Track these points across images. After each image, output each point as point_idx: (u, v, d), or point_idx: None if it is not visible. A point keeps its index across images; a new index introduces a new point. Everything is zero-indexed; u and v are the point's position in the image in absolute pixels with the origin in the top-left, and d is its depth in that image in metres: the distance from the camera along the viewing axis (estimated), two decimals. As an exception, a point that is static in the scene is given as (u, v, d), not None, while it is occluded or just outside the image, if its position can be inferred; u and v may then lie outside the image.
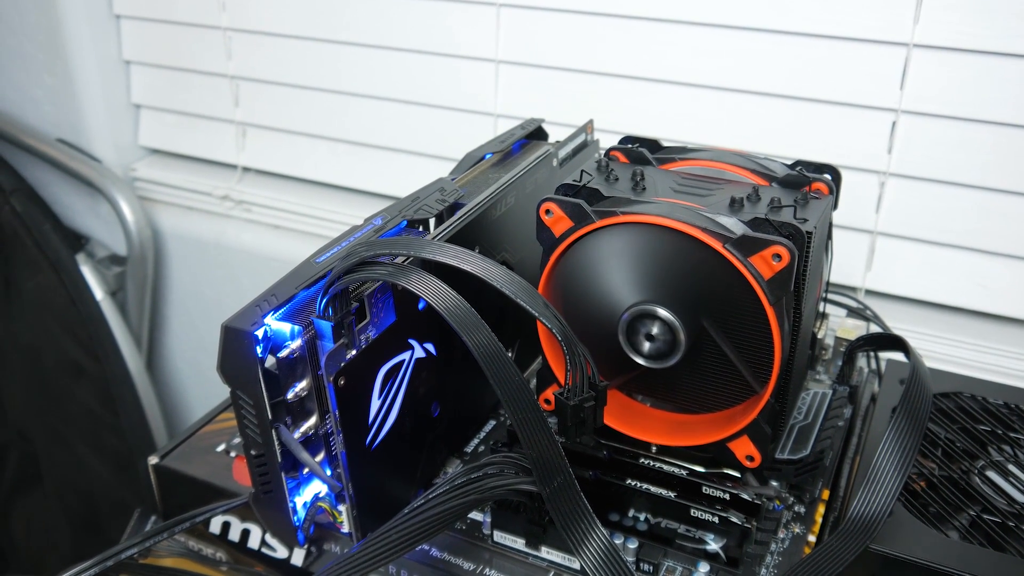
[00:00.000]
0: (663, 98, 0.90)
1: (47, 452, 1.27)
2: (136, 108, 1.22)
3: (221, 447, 0.65)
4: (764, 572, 0.53)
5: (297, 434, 0.49)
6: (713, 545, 0.54)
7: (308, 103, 1.09)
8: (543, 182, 0.68)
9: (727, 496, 0.54)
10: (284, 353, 0.47)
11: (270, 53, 1.09)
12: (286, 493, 0.50)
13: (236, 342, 0.46)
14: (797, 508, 0.58)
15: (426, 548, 0.56)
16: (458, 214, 0.58)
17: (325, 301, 0.47)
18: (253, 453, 0.49)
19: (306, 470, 0.51)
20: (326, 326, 0.47)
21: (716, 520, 0.53)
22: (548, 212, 0.54)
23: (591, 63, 0.91)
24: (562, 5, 0.90)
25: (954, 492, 0.54)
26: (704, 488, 0.54)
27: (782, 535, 0.56)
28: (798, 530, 0.56)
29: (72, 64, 1.14)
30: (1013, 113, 0.76)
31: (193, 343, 1.30)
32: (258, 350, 0.46)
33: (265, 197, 1.15)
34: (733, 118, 0.87)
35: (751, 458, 0.54)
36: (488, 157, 0.68)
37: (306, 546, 0.60)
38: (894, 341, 0.66)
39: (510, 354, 0.46)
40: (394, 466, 0.55)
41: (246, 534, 0.62)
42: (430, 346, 0.56)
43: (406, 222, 0.56)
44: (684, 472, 0.56)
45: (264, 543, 0.62)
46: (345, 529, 0.53)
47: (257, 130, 1.15)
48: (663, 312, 0.52)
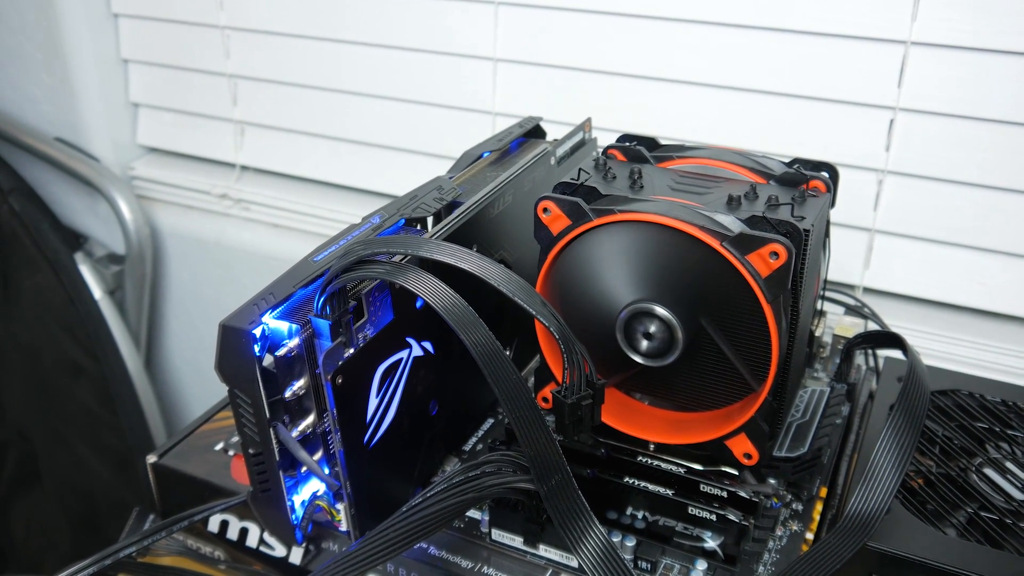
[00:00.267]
0: (661, 96, 0.90)
1: (46, 451, 1.27)
2: (134, 107, 1.22)
3: (219, 446, 0.65)
4: (762, 570, 0.53)
5: (295, 433, 0.49)
6: (711, 543, 0.54)
7: (306, 102, 1.09)
8: (541, 180, 0.68)
9: (725, 494, 0.54)
10: (282, 352, 0.47)
11: (268, 52, 1.09)
12: (284, 491, 0.50)
13: (234, 341, 0.46)
14: (795, 506, 0.58)
15: (424, 546, 0.57)
16: (456, 212, 0.58)
17: (323, 299, 0.47)
18: (251, 452, 0.49)
19: (304, 468, 0.51)
20: (324, 324, 0.47)
21: (714, 518, 0.53)
22: (546, 210, 0.54)
23: (589, 61, 0.91)
24: (560, 3, 0.90)
25: (952, 489, 0.54)
26: (702, 486, 0.55)
27: (780, 533, 0.56)
28: (796, 528, 0.56)
29: (70, 63, 1.14)
30: (1011, 111, 0.76)
31: (192, 342, 1.30)
32: (256, 349, 0.46)
33: (263, 196, 1.15)
34: (731, 116, 0.87)
35: (749, 456, 0.54)
36: (486, 155, 0.68)
37: (304, 544, 0.60)
38: (892, 339, 0.66)
39: (508, 353, 0.46)
40: (392, 464, 0.55)
41: (244, 533, 0.62)
42: (428, 344, 0.56)
43: (404, 220, 0.56)
44: (682, 470, 0.56)
45: (262, 542, 0.62)
46: (343, 527, 0.53)
47: (255, 129, 1.15)
48: (661, 310, 0.52)
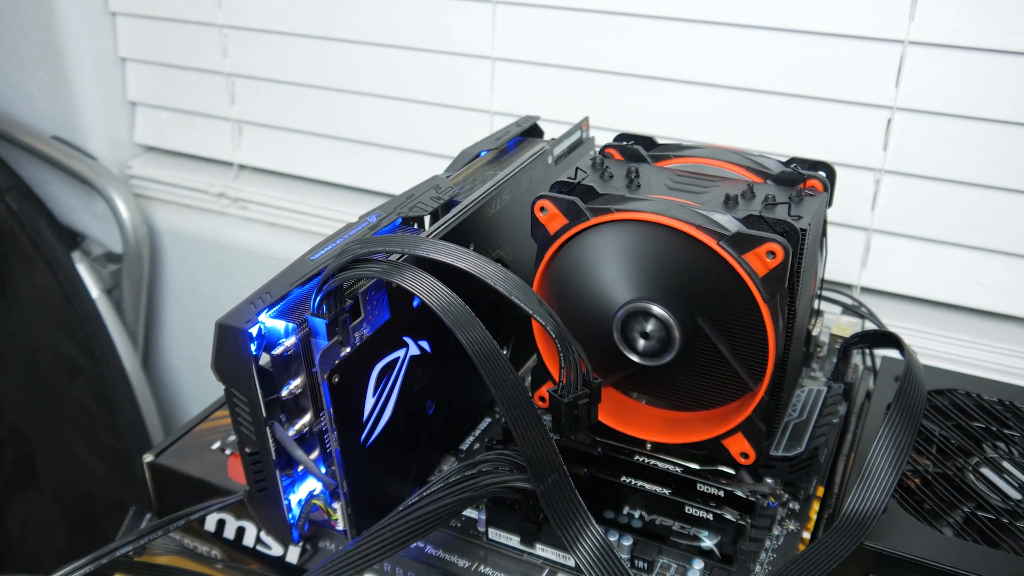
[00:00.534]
0: (658, 95, 0.90)
1: (43, 450, 1.26)
2: (132, 105, 1.22)
3: (216, 445, 0.65)
4: (759, 569, 0.53)
5: (292, 431, 0.49)
6: (708, 542, 0.54)
7: (303, 100, 1.09)
8: (538, 179, 0.68)
9: (722, 493, 0.54)
10: (278, 350, 0.47)
11: (265, 50, 1.08)
12: (281, 491, 0.50)
13: (230, 340, 0.46)
14: (792, 505, 0.58)
15: (421, 545, 0.56)
16: (453, 211, 0.58)
17: (319, 298, 0.47)
18: (248, 451, 0.49)
19: (301, 467, 0.51)
20: (320, 323, 0.47)
21: (711, 517, 0.53)
22: (543, 209, 0.54)
23: (587, 60, 0.91)
24: (558, 3, 0.90)
25: (948, 489, 0.54)
26: (699, 485, 0.54)
27: (777, 532, 0.56)
28: (793, 527, 0.56)
29: (68, 61, 1.13)
30: (1009, 110, 0.76)
31: (189, 341, 1.30)
32: (252, 347, 0.46)
33: (261, 195, 1.15)
34: (728, 115, 0.87)
35: (746, 455, 0.54)
36: (483, 154, 0.68)
37: (301, 544, 0.60)
38: (889, 338, 0.66)
39: (505, 352, 0.46)
40: (389, 463, 0.55)
41: (241, 532, 0.62)
42: (425, 344, 0.56)
43: (401, 219, 0.56)
44: (679, 469, 0.56)
45: (259, 541, 0.62)
46: (340, 526, 0.53)
47: (253, 127, 1.15)
48: (658, 309, 0.52)
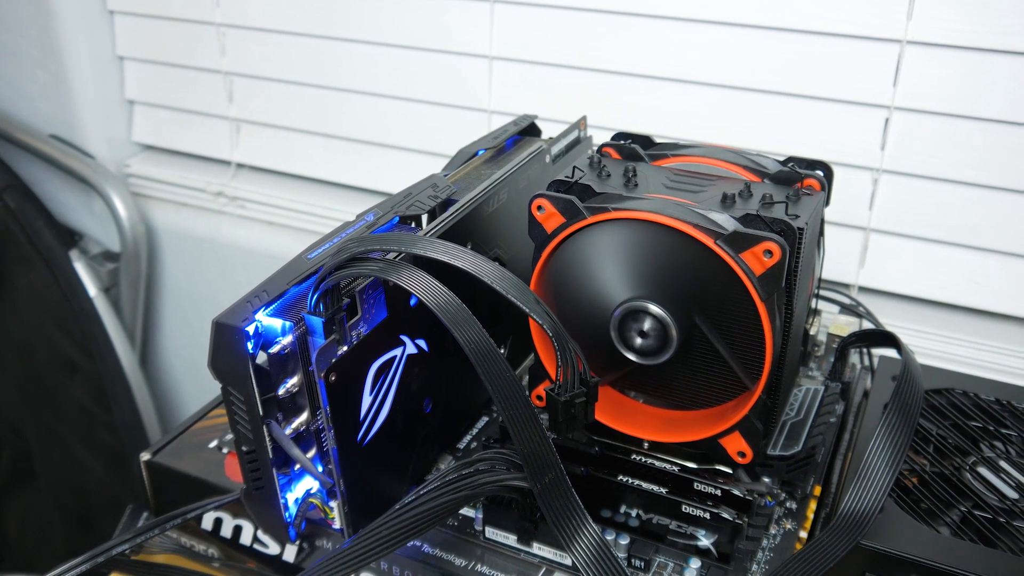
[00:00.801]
0: (656, 94, 0.89)
1: (40, 448, 1.26)
2: (130, 104, 1.22)
3: (213, 443, 0.65)
4: (755, 568, 0.53)
5: (288, 430, 0.49)
6: (704, 541, 0.54)
7: (301, 99, 1.09)
8: (536, 178, 0.68)
9: (719, 492, 0.54)
10: (275, 349, 0.47)
11: (264, 49, 1.08)
12: (277, 489, 0.50)
13: (227, 338, 0.46)
14: (789, 504, 0.58)
15: (418, 544, 0.56)
16: (450, 210, 0.58)
17: (316, 297, 0.47)
18: (244, 449, 0.49)
19: (297, 466, 0.51)
20: (317, 322, 0.47)
21: (707, 516, 0.53)
22: (540, 208, 0.54)
23: (584, 59, 0.91)
24: (556, 2, 0.90)
25: (945, 488, 0.54)
26: (696, 484, 0.54)
27: (773, 531, 0.56)
28: (790, 526, 0.56)
29: (65, 60, 1.13)
30: (1007, 110, 0.76)
31: (187, 339, 1.29)
32: (249, 346, 0.45)
33: (259, 193, 1.15)
34: (726, 114, 0.87)
35: (743, 454, 0.54)
36: (481, 153, 0.68)
37: (297, 542, 0.60)
38: (886, 337, 0.66)
39: (502, 351, 0.46)
40: (386, 462, 0.55)
41: (238, 530, 0.62)
42: (422, 342, 0.56)
43: (398, 218, 0.56)
44: (676, 468, 0.56)
45: (256, 539, 0.62)
46: (336, 525, 0.53)
47: (251, 126, 1.15)
48: (655, 308, 0.52)
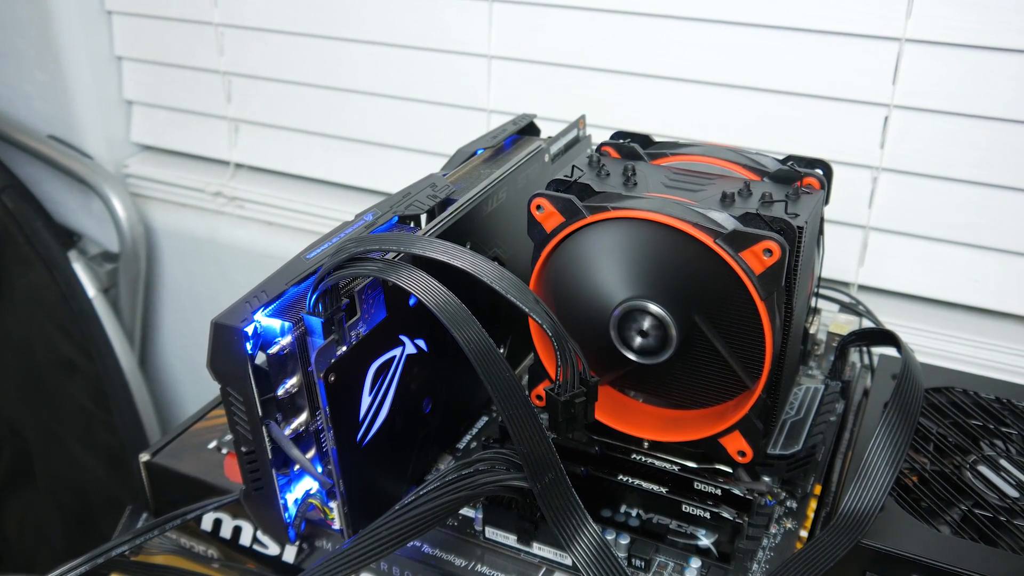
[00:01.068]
0: (655, 93, 0.89)
1: (40, 449, 1.26)
2: (128, 104, 1.22)
3: (213, 444, 0.65)
4: (756, 567, 0.53)
5: (288, 431, 0.49)
6: (705, 540, 0.54)
7: (300, 99, 1.09)
8: (535, 178, 0.68)
9: (719, 492, 0.54)
10: (274, 349, 0.47)
11: (262, 49, 1.08)
12: (277, 490, 0.50)
13: (226, 339, 0.45)
14: (789, 503, 0.58)
15: (418, 544, 0.56)
16: (449, 210, 0.58)
17: (315, 297, 0.47)
18: (244, 450, 0.49)
19: (297, 467, 0.51)
20: (316, 322, 0.47)
21: (708, 516, 0.53)
22: (539, 208, 0.54)
23: (583, 59, 0.91)
24: (555, 0, 0.90)
25: (945, 487, 0.54)
26: (696, 484, 0.54)
27: (774, 530, 0.56)
28: (790, 525, 0.56)
29: (64, 60, 1.13)
30: (1006, 108, 0.76)
31: (186, 340, 1.29)
32: (248, 346, 0.45)
33: (258, 193, 1.15)
34: (725, 113, 0.87)
35: (743, 453, 0.54)
36: (480, 153, 0.68)
37: (297, 543, 0.60)
38: (886, 336, 0.66)
39: (502, 350, 0.46)
40: (385, 462, 0.55)
41: (238, 531, 0.62)
42: (421, 342, 0.56)
43: (397, 218, 0.56)
44: (676, 468, 0.56)
45: (256, 540, 0.62)
46: (336, 526, 0.53)
47: (249, 126, 1.15)
48: (654, 308, 0.52)
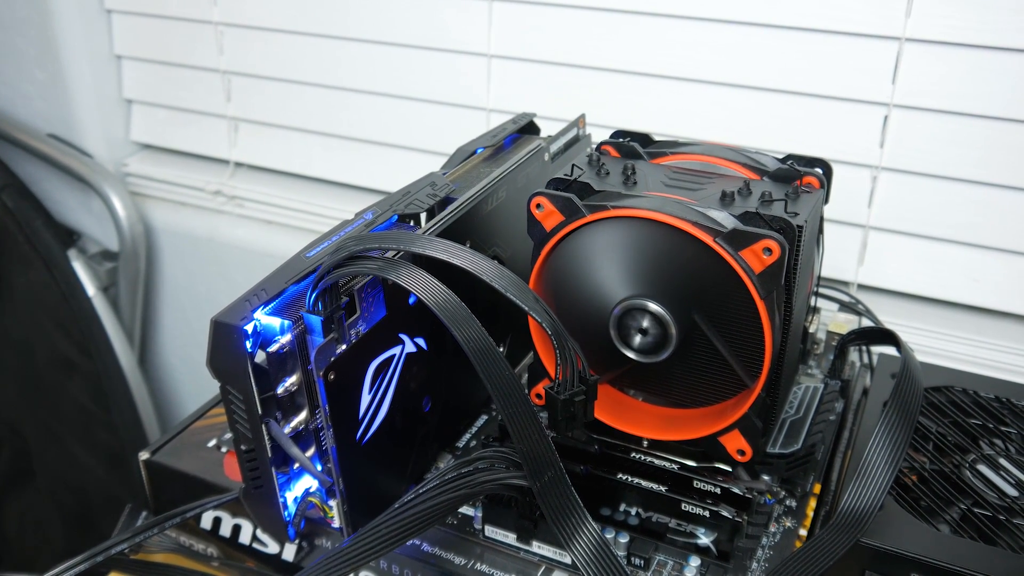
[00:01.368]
0: (655, 93, 0.89)
1: (39, 448, 1.26)
2: (128, 103, 1.22)
3: (212, 442, 0.65)
4: (755, 566, 0.53)
5: (287, 429, 0.49)
6: (704, 539, 0.54)
7: (300, 98, 1.09)
8: (535, 176, 0.68)
9: (718, 490, 0.54)
10: (274, 348, 0.47)
11: (262, 48, 1.08)
12: (276, 488, 0.50)
13: (225, 337, 0.45)
14: (788, 502, 0.58)
15: (417, 543, 0.56)
16: (449, 208, 0.58)
17: (315, 296, 0.47)
18: (243, 448, 0.49)
19: (296, 465, 0.51)
20: (316, 321, 0.47)
21: (707, 514, 0.53)
22: (539, 206, 0.54)
23: (583, 57, 0.91)
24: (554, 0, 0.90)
25: (945, 486, 0.54)
26: (695, 482, 0.54)
27: (773, 529, 0.56)
28: (789, 524, 0.56)
29: (63, 59, 1.13)
30: (1006, 107, 0.76)
31: (186, 339, 1.29)
32: (247, 345, 0.45)
33: (257, 192, 1.15)
34: (724, 112, 0.87)
35: (742, 452, 0.54)
36: (480, 151, 0.68)
37: (297, 541, 0.60)
38: (885, 335, 0.66)
39: (502, 349, 0.46)
40: (385, 461, 0.55)
41: (237, 529, 0.62)
42: (421, 341, 0.56)
43: (397, 216, 0.56)
44: (675, 466, 0.56)
45: (255, 538, 0.62)
46: (335, 524, 0.53)
47: (249, 125, 1.15)
48: (654, 306, 0.52)
